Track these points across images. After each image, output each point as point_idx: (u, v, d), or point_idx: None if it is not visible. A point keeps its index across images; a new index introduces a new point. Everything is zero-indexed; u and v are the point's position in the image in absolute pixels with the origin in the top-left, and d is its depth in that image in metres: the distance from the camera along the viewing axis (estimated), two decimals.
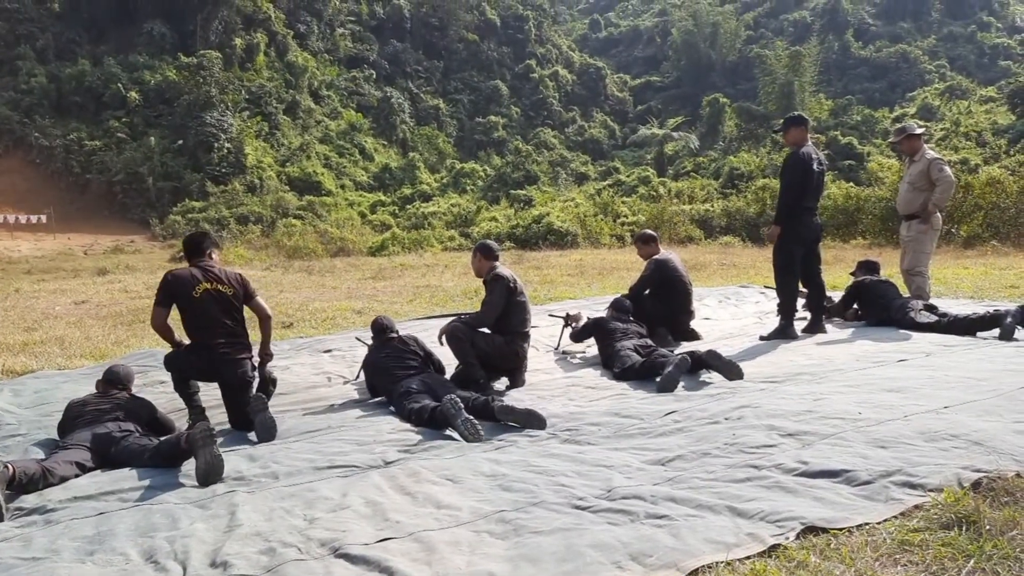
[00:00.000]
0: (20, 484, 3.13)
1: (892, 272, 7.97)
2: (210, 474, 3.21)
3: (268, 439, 3.87)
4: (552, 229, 21.56)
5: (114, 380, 4.16)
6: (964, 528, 2.39)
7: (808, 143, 6.10)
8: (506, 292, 4.89)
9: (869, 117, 44.69)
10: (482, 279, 5.08)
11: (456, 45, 55.36)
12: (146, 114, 37.01)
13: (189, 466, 3.35)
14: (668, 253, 6.57)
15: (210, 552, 2.54)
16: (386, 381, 4.58)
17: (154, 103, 37.35)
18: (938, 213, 6.68)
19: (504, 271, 4.99)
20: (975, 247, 14.48)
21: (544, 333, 6.61)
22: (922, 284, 6.71)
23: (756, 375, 4.76)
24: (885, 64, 54.76)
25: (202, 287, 4.09)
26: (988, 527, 2.37)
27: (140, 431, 3.79)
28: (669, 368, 4.61)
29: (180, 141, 35.47)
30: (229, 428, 4.17)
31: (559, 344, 6.26)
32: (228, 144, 35.58)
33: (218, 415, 4.34)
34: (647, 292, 6.35)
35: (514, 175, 39.74)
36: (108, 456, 3.56)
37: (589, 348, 6.03)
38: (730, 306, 8.30)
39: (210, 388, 4.49)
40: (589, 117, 55.73)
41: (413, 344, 4.88)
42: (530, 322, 5.11)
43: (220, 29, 42.20)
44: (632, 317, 5.94)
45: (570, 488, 2.94)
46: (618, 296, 6.30)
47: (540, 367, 5.48)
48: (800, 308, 6.39)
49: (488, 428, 3.90)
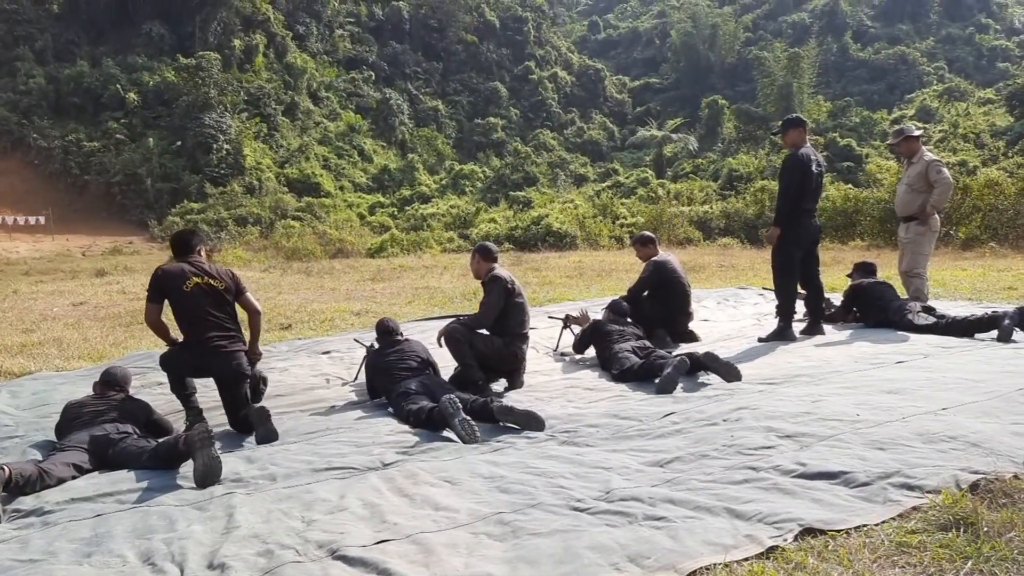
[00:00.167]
0: (17, 486, 3.13)
1: (890, 274, 7.98)
2: (208, 476, 3.21)
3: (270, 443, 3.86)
4: (551, 231, 21.57)
5: (112, 382, 4.16)
6: (962, 530, 2.39)
7: (807, 145, 6.10)
8: (504, 293, 4.89)
9: (868, 119, 44.73)
10: (480, 280, 5.09)
11: (455, 46, 55.40)
12: (145, 115, 36.99)
13: (187, 468, 3.35)
14: (667, 255, 6.57)
15: (208, 554, 2.53)
16: (386, 382, 4.58)
17: (153, 104, 37.33)
18: (936, 215, 6.68)
19: (502, 272, 4.99)
20: (973, 249, 14.50)
21: (543, 335, 6.62)
22: (920, 286, 6.72)
23: (754, 377, 4.77)
24: (884, 66, 54.82)
25: (193, 281, 4.09)
26: (986, 529, 2.37)
27: (138, 433, 3.79)
28: (668, 370, 4.61)
29: (179, 142, 35.45)
30: (227, 430, 4.16)
31: (557, 345, 6.26)
32: (227, 145, 35.56)
33: (216, 416, 4.34)
34: (646, 294, 6.36)
35: (513, 176, 39.79)
36: (106, 458, 3.56)
37: (588, 349, 6.03)
38: (728, 308, 8.31)
39: (208, 390, 4.49)
40: (588, 119, 55.74)
41: (417, 347, 4.88)
42: (529, 323, 5.12)
43: (219, 30, 42.21)
44: (630, 319, 5.94)
45: (568, 490, 2.94)
46: (615, 299, 6.30)
47: (539, 368, 5.48)
48: (802, 316, 6.39)
49: (486, 430, 3.90)
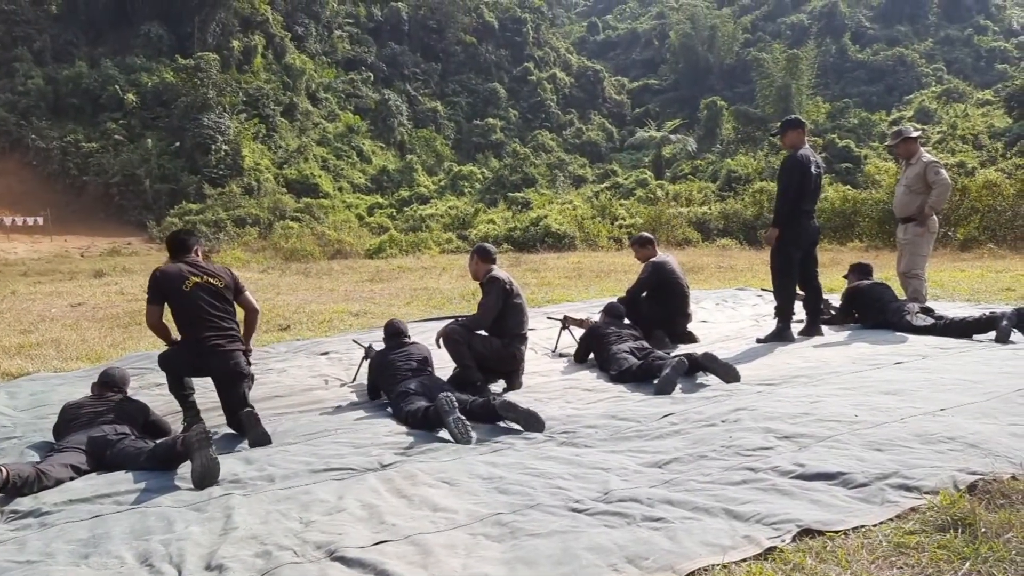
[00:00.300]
0: (15, 487, 3.12)
1: (889, 275, 7.98)
2: (206, 477, 3.20)
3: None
4: (550, 231, 21.57)
5: (110, 383, 4.16)
6: (960, 530, 2.39)
7: (805, 146, 6.10)
8: (502, 294, 4.89)
9: (866, 120, 44.77)
10: (479, 282, 5.09)
11: (454, 47, 55.39)
12: (143, 116, 36.96)
13: (185, 469, 3.34)
14: (665, 256, 6.57)
15: (205, 555, 2.53)
16: (388, 382, 4.58)
17: (151, 105, 37.31)
18: (935, 216, 6.69)
19: (500, 273, 5.00)
20: (971, 250, 14.52)
21: (542, 335, 6.62)
22: (919, 287, 6.72)
23: (753, 378, 4.77)
24: (882, 67, 54.87)
25: (192, 281, 4.08)
26: (984, 529, 2.37)
27: (136, 434, 3.79)
28: (666, 370, 4.61)
29: (177, 143, 35.43)
30: (225, 430, 4.16)
31: (556, 346, 6.26)
32: (225, 146, 35.54)
33: (214, 417, 4.34)
34: (644, 294, 6.36)
35: (512, 177, 39.82)
36: (103, 459, 3.55)
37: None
38: (727, 309, 8.31)
39: (206, 390, 4.48)
40: (587, 120, 55.75)
41: (423, 350, 4.89)
42: (527, 324, 5.12)
43: (217, 31, 42.20)
44: (627, 320, 5.94)
45: (567, 491, 2.94)
46: (611, 301, 6.29)
47: (537, 370, 5.48)
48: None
49: (485, 430, 3.90)
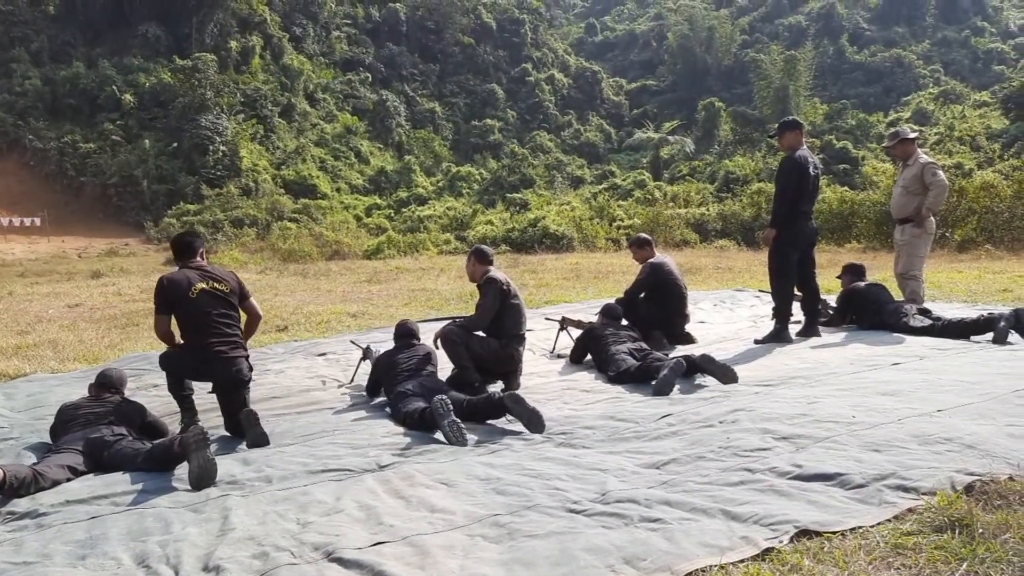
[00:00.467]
0: (12, 488, 3.12)
1: (886, 276, 7.99)
2: (203, 478, 3.20)
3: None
4: (548, 232, 21.56)
5: (107, 384, 4.15)
6: (957, 531, 2.39)
7: (803, 147, 6.11)
8: (499, 295, 4.90)
9: (864, 121, 44.88)
10: (476, 283, 5.10)
11: (452, 48, 55.41)
12: (141, 117, 36.92)
13: (182, 470, 3.34)
14: (663, 257, 6.58)
15: (203, 556, 2.53)
16: (389, 382, 4.59)
17: (149, 106, 37.27)
18: (932, 217, 6.70)
19: (497, 274, 5.00)
20: (969, 251, 14.53)
21: (540, 336, 6.62)
22: (916, 288, 6.73)
23: (750, 379, 4.77)
24: (880, 69, 54.99)
25: (198, 287, 4.08)
26: (981, 530, 2.37)
27: (133, 435, 3.78)
28: (665, 372, 4.61)
29: (175, 144, 35.40)
30: (223, 432, 4.15)
31: (554, 347, 6.26)
32: (223, 147, 35.51)
33: (212, 418, 4.33)
34: (642, 296, 6.36)
35: (510, 178, 39.82)
36: (101, 460, 3.54)
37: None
38: (725, 310, 8.31)
39: (204, 390, 4.47)
40: (585, 121, 55.79)
41: (430, 350, 4.89)
42: (525, 325, 5.12)
43: (215, 32, 42.18)
44: (625, 321, 5.93)
45: (564, 492, 2.94)
46: (609, 302, 6.29)
47: (535, 370, 5.48)
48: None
49: (483, 431, 3.91)
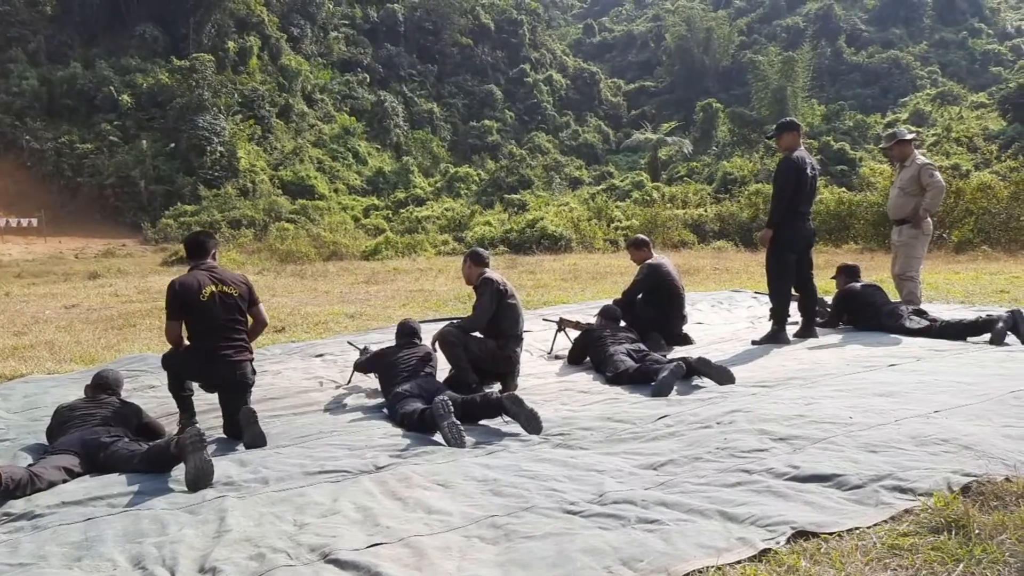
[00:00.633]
0: (8, 490, 3.10)
1: (883, 277, 8.00)
2: (199, 479, 3.19)
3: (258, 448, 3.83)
4: (546, 233, 21.54)
5: (103, 385, 4.14)
6: (953, 532, 2.39)
7: (801, 148, 6.12)
8: (496, 295, 4.90)
9: (861, 122, 44.92)
10: (472, 285, 5.11)
11: (450, 49, 55.39)
12: (138, 117, 36.83)
13: (178, 471, 3.33)
14: (661, 258, 6.58)
15: (199, 558, 2.52)
16: (387, 381, 4.59)
17: (146, 106, 37.19)
18: (929, 218, 6.71)
19: (493, 275, 5.01)
20: (966, 252, 14.55)
21: (537, 337, 6.62)
22: (913, 289, 6.74)
23: (748, 380, 4.77)
24: (877, 70, 55.07)
25: (208, 290, 4.07)
26: (977, 531, 2.37)
27: (129, 436, 3.77)
28: (664, 374, 4.61)
29: (172, 144, 35.34)
30: (220, 433, 4.13)
31: (552, 348, 6.26)
32: (221, 148, 35.45)
33: (210, 419, 4.32)
34: (640, 296, 6.36)
35: (508, 179, 39.79)
36: (97, 461, 3.53)
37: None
38: (723, 311, 8.32)
39: (202, 392, 4.46)
40: (583, 121, 55.80)
41: (426, 348, 4.90)
42: (522, 326, 5.13)
43: (213, 32, 42.12)
44: (623, 323, 5.93)
45: (561, 493, 2.94)
46: (607, 303, 6.29)
47: (533, 371, 5.48)
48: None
49: (480, 432, 3.90)
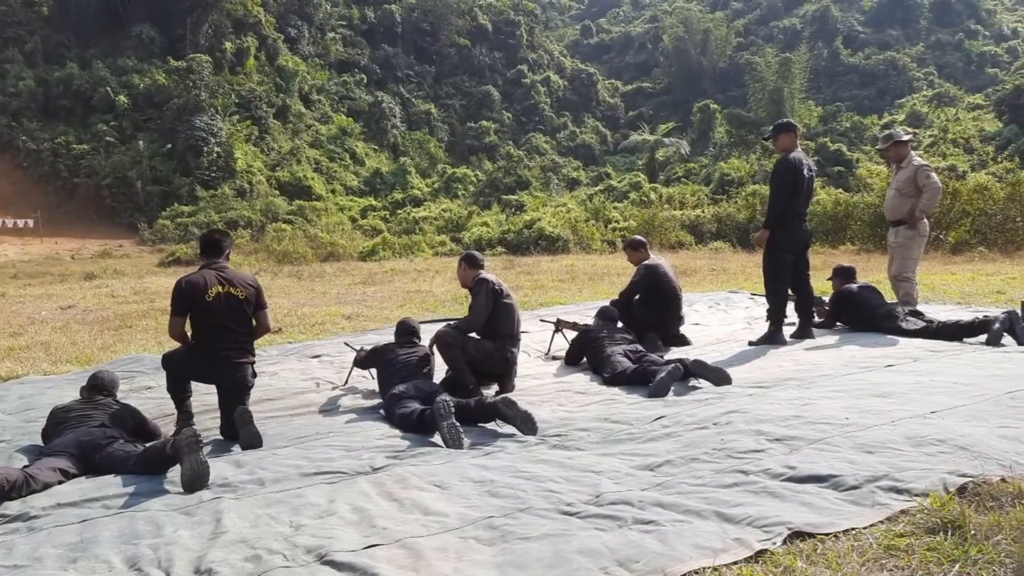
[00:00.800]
0: (3, 491, 3.09)
1: (880, 278, 8.01)
2: (195, 480, 3.18)
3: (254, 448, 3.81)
4: (543, 234, 21.55)
5: (99, 386, 4.13)
6: (950, 533, 2.40)
7: (798, 149, 6.13)
8: (491, 295, 4.91)
9: (858, 124, 45.04)
10: (468, 287, 5.11)
11: (447, 50, 55.38)
12: (135, 118, 36.76)
13: (174, 472, 3.32)
14: (658, 259, 6.59)
15: (194, 559, 2.51)
16: (385, 381, 4.59)
17: (143, 107, 37.12)
18: (925, 219, 6.72)
19: (488, 276, 5.02)
20: (963, 253, 14.58)
21: (535, 338, 6.61)
22: (910, 290, 6.75)
23: (744, 380, 4.77)
24: (874, 71, 55.17)
25: (215, 290, 4.06)
26: (973, 532, 2.38)
27: (125, 437, 3.76)
28: (661, 375, 4.61)
29: (169, 145, 35.27)
30: (216, 435, 4.13)
31: (549, 349, 6.26)
32: (218, 148, 35.39)
33: (206, 420, 4.31)
34: (637, 297, 6.37)
35: (505, 180, 39.78)
36: (92, 462, 3.52)
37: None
38: (719, 312, 8.32)
39: (200, 393, 4.46)
40: (581, 123, 55.81)
41: (424, 349, 4.89)
42: (519, 326, 5.13)
43: (210, 33, 42.07)
44: (621, 324, 5.94)
45: (558, 494, 2.94)
46: (605, 304, 6.29)
47: (530, 372, 5.48)
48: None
49: (476, 434, 3.90)
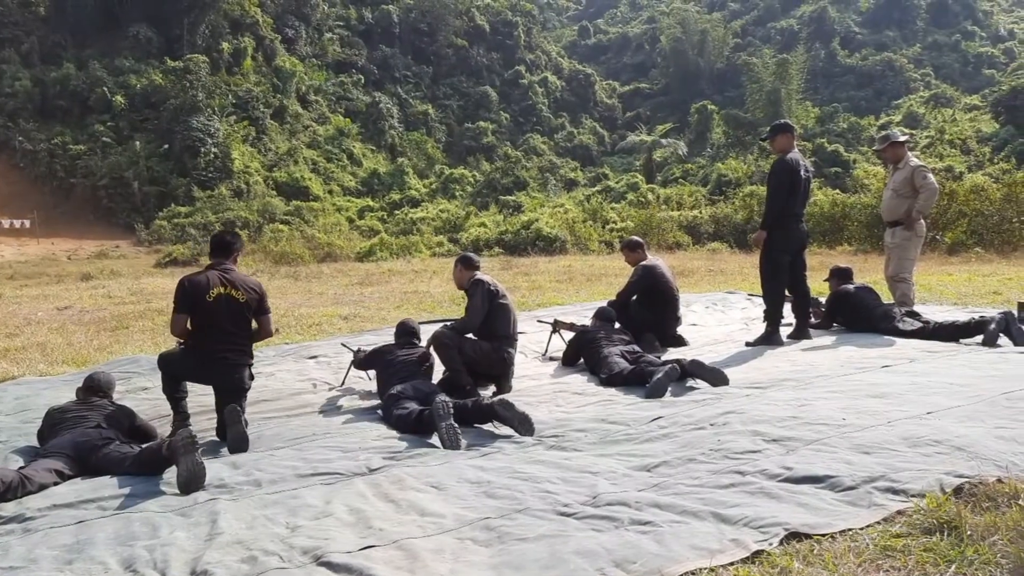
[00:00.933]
0: None
1: (877, 279, 8.02)
2: (191, 482, 3.17)
3: (240, 452, 3.77)
4: (541, 235, 21.55)
5: (95, 387, 4.12)
6: (946, 533, 2.40)
7: (795, 150, 6.14)
8: (487, 295, 4.91)
9: (855, 125, 45.12)
10: (463, 289, 5.12)
11: (445, 50, 55.38)
12: (132, 118, 36.69)
13: (170, 474, 3.32)
14: (655, 259, 6.59)
15: (190, 561, 2.51)
16: (384, 381, 4.58)
17: (140, 107, 37.05)
18: (922, 220, 6.73)
19: (483, 277, 5.03)
20: (959, 254, 14.61)
21: (532, 339, 6.61)
22: (906, 290, 6.76)
23: (741, 381, 4.78)
24: (871, 72, 55.29)
25: (216, 291, 4.06)
26: (969, 532, 2.38)
27: (121, 439, 3.75)
28: (658, 376, 4.62)
29: (166, 145, 35.20)
30: (212, 436, 4.12)
31: (547, 349, 6.26)
32: (215, 149, 35.33)
33: (203, 421, 4.31)
34: (634, 298, 6.37)
35: (503, 181, 39.77)
36: (88, 464, 3.52)
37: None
38: (717, 312, 8.33)
39: (196, 394, 4.45)
40: (578, 123, 55.84)
41: (422, 350, 4.89)
42: (516, 327, 5.13)
43: (207, 33, 42.00)
44: (618, 324, 5.94)
45: (555, 495, 2.94)
46: (603, 305, 6.30)
47: (527, 373, 5.47)
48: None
49: (473, 435, 3.90)
